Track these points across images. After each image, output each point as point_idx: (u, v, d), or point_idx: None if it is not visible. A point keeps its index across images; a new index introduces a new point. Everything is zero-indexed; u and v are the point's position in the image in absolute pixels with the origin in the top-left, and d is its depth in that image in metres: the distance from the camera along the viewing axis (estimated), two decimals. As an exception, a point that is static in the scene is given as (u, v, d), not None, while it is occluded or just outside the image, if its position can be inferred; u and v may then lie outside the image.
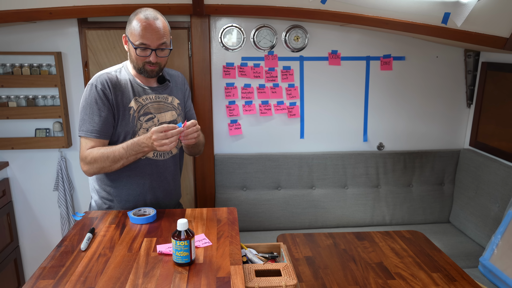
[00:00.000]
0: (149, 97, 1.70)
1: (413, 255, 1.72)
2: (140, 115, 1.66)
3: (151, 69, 1.63)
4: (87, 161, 1.60)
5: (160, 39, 1.59)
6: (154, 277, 1.21)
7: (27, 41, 2.38)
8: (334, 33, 2.48)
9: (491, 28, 2.00)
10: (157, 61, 1.62)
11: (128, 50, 1.66)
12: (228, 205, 2.50)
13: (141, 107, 1.67)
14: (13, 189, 2.57)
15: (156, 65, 1.63)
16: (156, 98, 1.72)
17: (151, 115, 1.69)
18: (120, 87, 1.65)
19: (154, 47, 1.59)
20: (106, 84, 1.62)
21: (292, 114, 2.56)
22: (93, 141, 1.61)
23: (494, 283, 1.92)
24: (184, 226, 1.26)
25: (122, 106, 1.64)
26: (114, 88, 1.63)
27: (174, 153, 1.78)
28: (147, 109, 1.68)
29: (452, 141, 2.72)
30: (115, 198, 1.74)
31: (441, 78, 2.61)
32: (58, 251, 1.35)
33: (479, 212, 2.37)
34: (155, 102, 1.71)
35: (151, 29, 1.57)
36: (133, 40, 1.59)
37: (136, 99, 1.66)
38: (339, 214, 2.58)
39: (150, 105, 1.69)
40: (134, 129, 1.65)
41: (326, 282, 1.55)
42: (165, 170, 1.75)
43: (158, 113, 1.71)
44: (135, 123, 1.65)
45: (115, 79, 1.65)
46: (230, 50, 2.45)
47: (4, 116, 2.40)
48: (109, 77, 1.64)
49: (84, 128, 1.62)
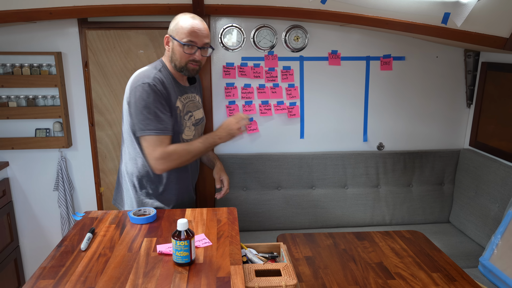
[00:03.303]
0: (187, 96, 1.81)
1: (413, 255, 1.72)
2: (184, 114, 1.76)
3: (193, 67, 1.72)
4: (172, 158, 1.64)
5: (206, 38, 1.71)
6: (154, 277, 1.21)
7: (27, 41, 2.38)
8: (334, 33, 2.48)
9: (491, 28, 2.00)
10: (201, 59, 1.72)
11: (171, 49, 1.72)
12: (228, 205, 2.50)
13: (184, 106, 1.76)
14: (13, 189, 2.57)
15: (199, 63, 1.72)
16: (191, 97, 1.84)
17: (190, 113, 1.80)
18: (166, 87, 1.69)
19: (200, 45, 1.69)
20: (160, 83, 1.66)
21: (292, 114, 2.56)
22: (167, 138, 1.66)
23: (494, 283, 1.92)
24: (184, 226, 1.26)
25: (171, 105, 1.70)
26: (164, 89, 1.68)
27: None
28: (188, 108, 1.78)
29: (452, 141, 2.72)
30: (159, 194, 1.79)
31: (441, 78, 2.61)
32: (58, 251, 1.35)
33: (479, 212, 2.37)
34: (191, 101, 1.83)
35: (199, 29, 1.68)
36: (180, 38, 1.67)
37: (179, 98, 1.74)
38: (339, 214, 2.58)
39: (188, 103, 1.80)
40: (181, 127, 1.74)
41: (326, 282, 1.55)
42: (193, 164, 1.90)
43: (194, 110, 1.83)
44: (181, 122, 1.74)
45: (162, 79, 1.69)
46: (230, 50, 2.45)
47: (4, 116, 2.40)
48: (159, 78, 1.68)
49: (151, 127, 1.62)
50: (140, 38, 2.41)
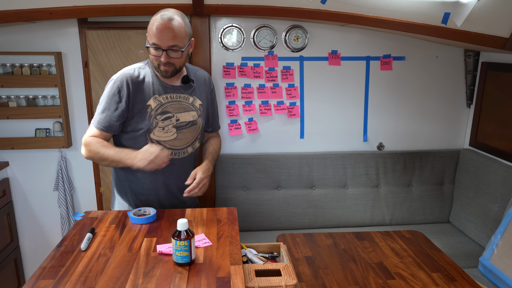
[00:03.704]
0: (169, 96, 1.73)
1: (413, 255, 1.72)
2: (157, 114, 1.71)
3: (165, 69, 1.66)
4: (87, 149, 1.68)
5: (171, 40, 1.59)
6: (154, 277, 1.21)
7: (27, 41, 2.38)
8: (334, 33, 2.48)
9: (491, 28, 2.00)
10: (169, 61, 1.63)
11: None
12: (228, 205, 2.50)
13: (160, 105, 1.71)
14: (13, 189, 2.57)
15: (170, 65, 1.65)
16: (177, 97, 1.75)
17: (170, 114, 1.73)
18: (140, 84, 1.69)
19: (165, 48, 1.60)
20: (126, 83, 1.67)
21: (292, 114, 2.56)
22: (97, 132, 1.70)
23: (494, 283, 1.92)
24: (184, 226, 1.26)
25: (140, 103, 1.69)
26: (134, 86, 1.68)
27: (191, 152, 1.82)
28: (166, 108, 1.72)
29: (452, 141, 2.72)
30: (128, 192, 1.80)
31: (441, 78, 2.61)
32: (58, 251, 1.35)
33: (479, 212, 2.37)
34: (176, 102, 1.74)
35: (163, 30, 1.58)
36: (148, 39, 1.63)
37: (155, 97, 1.71)
38: (339, 214, 2.58)
39: (169, 104, 1.73)
40: (150, 126, 1.70)
41: (326, 282, 1.55)
42: (180, 168, 1.79)
43: (177, 112, 1.74)
44: (151, 121, 1.70)
45: (137, 77, 1.69)
46: (230, 50, 2.45)
47: (4, 116, 2.40)
48: (131, 76, 1.69)
49: (95, 117, 1.71)
50: (140, 38, 2.41)
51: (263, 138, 2.59)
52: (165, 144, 1.74)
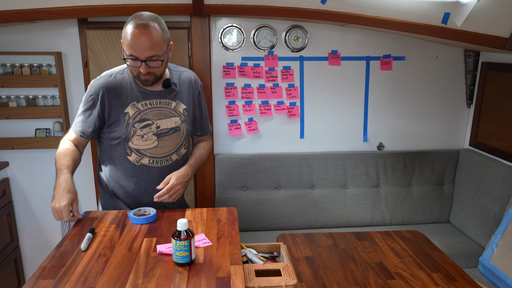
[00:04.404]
0: (149, 102, 1.65)
1: (413, 255, 1.72)
2: (135, 122, 1.63)
3: (145, 78, 1.57)
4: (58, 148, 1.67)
5: (149, 50, 1.49)
6: (154, 277, 1.21)
7: (27, 41, 2.38)
8: (334, 33, 2.48)
9: (491, 28, 2.00)
10: (149, 71, 1.55)
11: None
12: (228, 205, 2.50)
13: (138, 113, 1.64)
14: (13, 189, 2.57)
15: (150, 74, 1.56)
16: (157, 103, 1.66)
17: (149, 121, 1.65)
18: (118, 91, 1.62)
19: (143, 59, 1.51)
20: (101, 90, 1.61)
21: (292, 114, 2.56)
22: (74, 135, 1.71)
23: (494, 283, 1.92)
24: (184, 226, 1.26)
25: (117, 111, 1.63)
26: (111, 93, 1.62)
27: (175, 159, 1.75)
28: (145, 115, 1.64)
29: (452, 141, 2.72)
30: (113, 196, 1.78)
31: (441, 78, 2.61)
32: (58, 251, 1.35)
33: (479, 212, 2.37)
34: (156, 108, 1.66)
35: (139, 40, 1.47)
36: (124, 49, 1.52)
37: (134, 104, 1.63)
38: (339, 214, 2.58)
39: (149, 111, 1.65)
40: (127, 135, 1.64)
41: (326, 282, 1.55)
42: (164, 176, 1.69)
43: (158, 119, 1.66)
44: (128, 129, 1.63)
45: (114, 83, 1.63)
46: (230, 50, 2.45)
47: (4, 116, 2.40)
48: (107, 82, 1.62)
49: (74, 120, 1.72)
50: (140, 38, 2.41)
51: (263, 138, 2.60)
52: (145, 153, 1.67)
